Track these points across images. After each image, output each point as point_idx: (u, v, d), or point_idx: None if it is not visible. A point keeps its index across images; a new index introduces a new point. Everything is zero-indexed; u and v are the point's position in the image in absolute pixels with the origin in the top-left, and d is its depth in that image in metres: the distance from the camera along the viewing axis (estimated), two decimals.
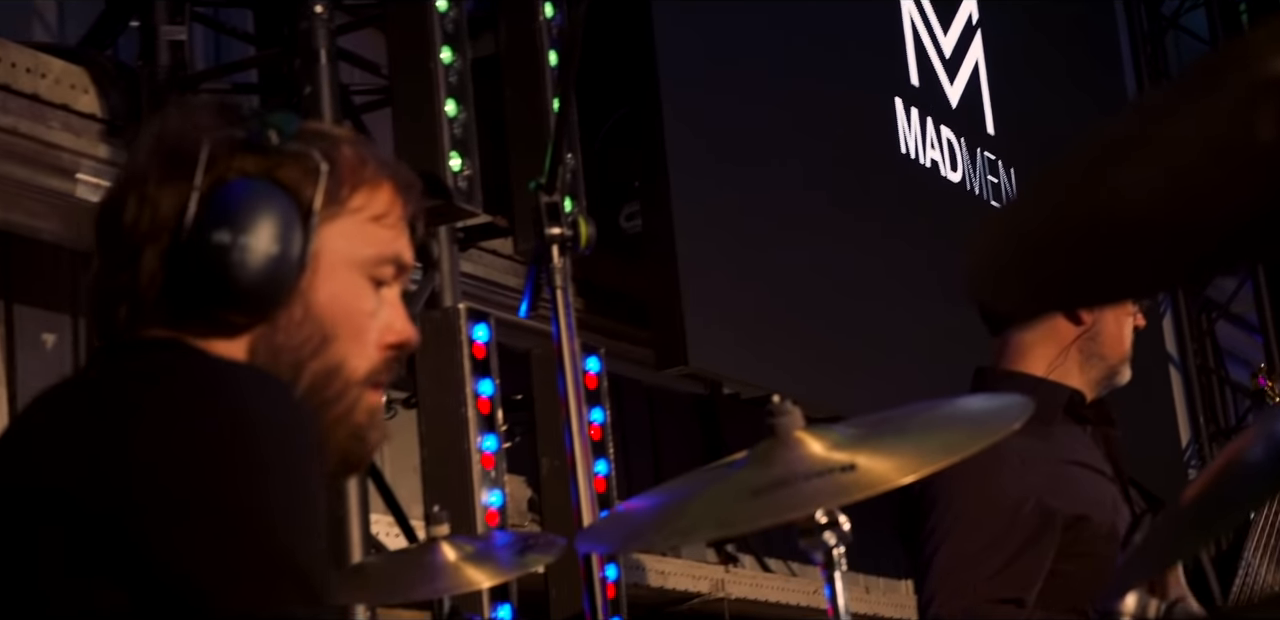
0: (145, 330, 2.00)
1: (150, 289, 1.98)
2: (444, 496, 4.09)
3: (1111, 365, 3.78)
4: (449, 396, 4.25)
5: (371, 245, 2.07)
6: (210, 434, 1.81)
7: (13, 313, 4.22)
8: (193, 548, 1.76)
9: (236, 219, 1.98)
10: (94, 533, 1.78)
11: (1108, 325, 3.76)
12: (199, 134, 2.01)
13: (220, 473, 1.80)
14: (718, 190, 5.41)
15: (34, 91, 4.01)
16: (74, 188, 4.07)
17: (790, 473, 2.88)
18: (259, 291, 1.99)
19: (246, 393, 1.87)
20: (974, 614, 3.45)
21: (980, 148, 7.06)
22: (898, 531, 3.89)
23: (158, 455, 1.80)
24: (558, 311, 3.67)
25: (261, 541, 1.79)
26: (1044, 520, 3.59)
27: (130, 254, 1.99)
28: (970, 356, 4.02)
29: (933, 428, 2.93)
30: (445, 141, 4.37)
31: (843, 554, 3.03)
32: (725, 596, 5.72)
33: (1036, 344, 3.76)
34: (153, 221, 1.99)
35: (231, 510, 1.79)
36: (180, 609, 1.75)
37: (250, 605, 1.74)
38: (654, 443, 6.43)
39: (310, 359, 2.03)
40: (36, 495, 1.83)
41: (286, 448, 1.85)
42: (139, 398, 1.87)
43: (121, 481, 1.79)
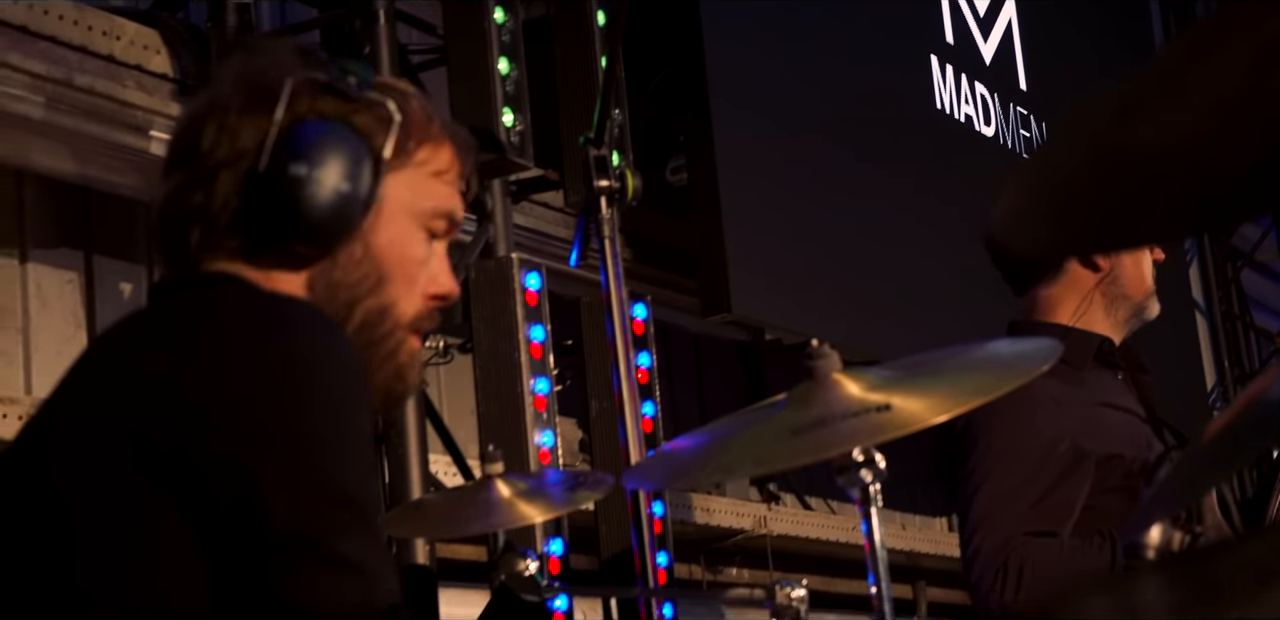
0: (213, 257, 2.03)
1: (223, 212, 2.01)
2: (498, 437, 4.10)
3: (1137, 303, 3.78)
4: (503, 342, 4.26)
5: (431, 198, 2.11)
6: (263, 368, 1.83)
7: (92, 263, 4.24)
8: (249, 470, 1.77)
9: (314, 155, 2.01)
10: (155, 464, 1.79)
11: (1125, 267, 3.75)
12: (282, 72, 2.05)
13: (272, 405, 1.81)
14: (759, 144, 5.38)
15: (109, 53, 4.02)
16: (148, 144, 4.08)
17: (828, 413, 2.87)
18: (327, 224, 2.01)
19: (298, 328, 1.88)
20: (1011, 545, 3.47)
21: (1013, 103, 7.02)
22: (936, 472, 3.89)
23: (213, 389, 1.81)
24: (606, 260, 3.68)
25: (312, 469, 1.80)
26: (1077, 458, 3.59)
27: (206, 176, 2.02)
28: (1000, 304, 4.01)
29: (965, 370, 2.92)
30: (498, 98, 4.36)
31: (879, 491, 3.03)
32: (767, 533, 5.72)
33: (1061, 296, 3.76)
34: (231, 149, 2.01)
35: (283, 440, 1.80)
36: (237, 534, 1.77)
37: (303, 527, 1.76)
38: (699, 387, 6.43)
39: (365, 297, 2.06)
40: (101, 429, 1.84)
41: (335, 382, 1.86)
42: (195, 333, 1.89)
43: (180, 414, 1.80)
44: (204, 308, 1.94)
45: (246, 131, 2.01)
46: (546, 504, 3.24)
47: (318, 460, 1.81)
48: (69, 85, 3.91)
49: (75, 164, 4.04)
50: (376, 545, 1.84)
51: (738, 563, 5.96)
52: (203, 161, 2.02)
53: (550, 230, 5.14)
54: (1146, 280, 3.77)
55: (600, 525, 4.41)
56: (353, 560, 1.77)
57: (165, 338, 1.90)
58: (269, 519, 1.75)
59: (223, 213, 2.01)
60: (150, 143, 4.08)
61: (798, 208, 5.53)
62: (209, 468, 1.77)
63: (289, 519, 1.76)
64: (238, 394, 1.81)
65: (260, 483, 1.76)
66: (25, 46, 3.83)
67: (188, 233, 2.02)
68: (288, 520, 1.76)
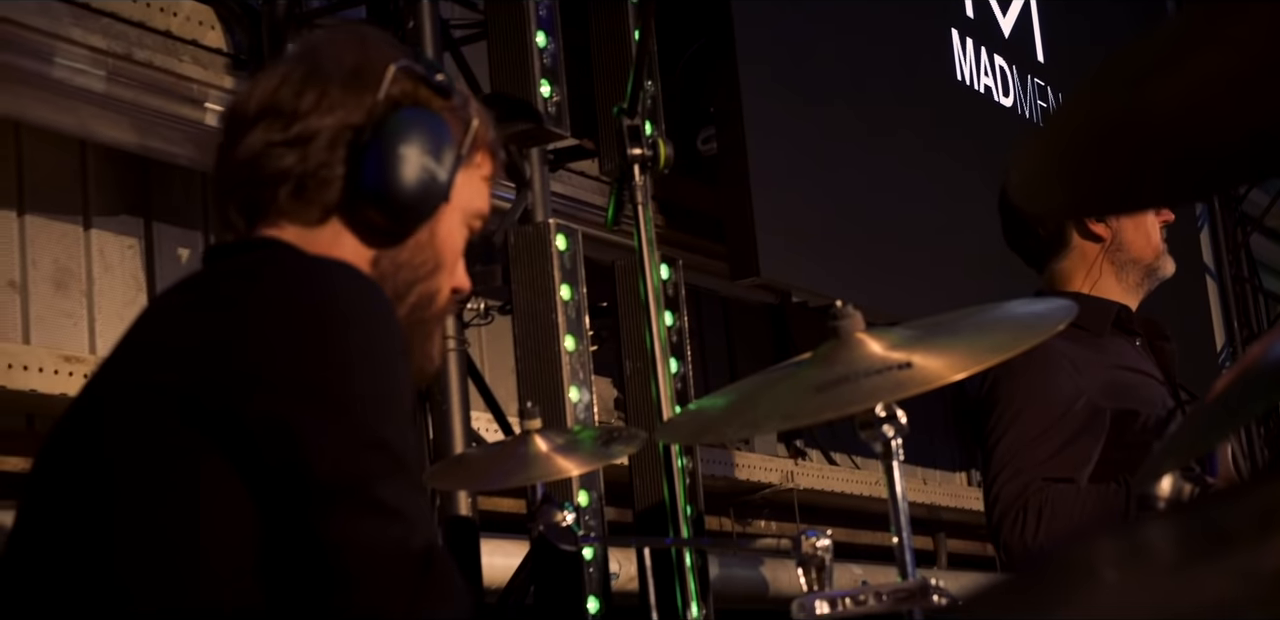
0: (277, 221, 2.04)
1: (314, 177, 2.03)
2: (536, 394, 4.11)
3: (1147, 265, 3.79)
4: (540, 303, 4.27)
5: (478, 199, 2.17)
6: (304, 328, 1.84)
7: (151, 230, 4.25)
8: (295, 424, 1.78)
9: (418, 137, 2.05)
10: (203, 420, 1.80)
11: (1127, 232, 3.77)
12: (384, 56, 2.08)
13: (314, 363, 1.82)
14: (787, 115, 5.38)
15: (166, 28, 4.03)
16: (203, 116, 4.09)
17: (851, 370, 2.87)
18: (417, 202, 2.06)
19: (338, 289, 1.89)
20: (1031, 489, 3.50)
21: (1030, 74, 7.00)
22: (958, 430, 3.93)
23: (257, 349, 1.83)
24: (639, 225, 3.68)
25: (352, 421, 1.81)
26: (1093, 414, 3.62)
27: (300, 140, 2.03)
28: (1017, 268, 4.01)
29: (982, 329, 2.92)
30: (536, 70, 4.36)
31: (900, 445, 3.03)
32: (794, 487, 5.72)
33: (1072, 269, 3.79)
34: (332, 118, 2.03)
35: (325, 396, 1.81)
36: (283, 483, 1.78)
37: (344, 476, 1.78)
38: (729, 347, 6.43)
39: (423, 280, 2.11)
40: (153, 387, 1.85)
41: (374, 339, 1.87)
42: (241, 295, 1.90)
43: (226, 374, 1.81)
44: (250, 271, 1.95)
45: (349, 105, 2.04)
46: (582, 458, 3.25)
47: (357, 413, 1.82)
48: (128, 59, 3.92)
49: (135, 135, 4.05)
50: (414, 492, 1.85)
51: (766, 515, 5.96)
52: (298, 126, 2.03)
53: (585, 197, 5.14)
54: (1152, 242, 3.78)
55: (634, 479, 4.43)
56: (391, 506, 1.78)
57: (213, 300, 1.92)
58: (312, 470, 1.77)
59: (313, 177, 2.03)
60: (205, 114, 4.09)
61: (823, 176, 5.53)
62: (255, 424, 1.78)
63: (331, 469, 1.77)
64: (281, 353, 1.82)
65: (304, 437, 1.78)
66: (87, 22, 3.84)
67: (276, 190, 2.03)
68: (330, 470, 1.77)
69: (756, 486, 5.62)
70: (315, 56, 2.10)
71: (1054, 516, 3.47)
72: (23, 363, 3.57)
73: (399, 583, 1.76)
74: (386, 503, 1.78)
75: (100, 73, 3.88)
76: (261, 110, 2.04)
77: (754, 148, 5.16)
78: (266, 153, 2.03)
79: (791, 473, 5.79)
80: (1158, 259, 3.78)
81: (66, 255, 4.06)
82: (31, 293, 3.95)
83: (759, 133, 5.20)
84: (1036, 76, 7.04)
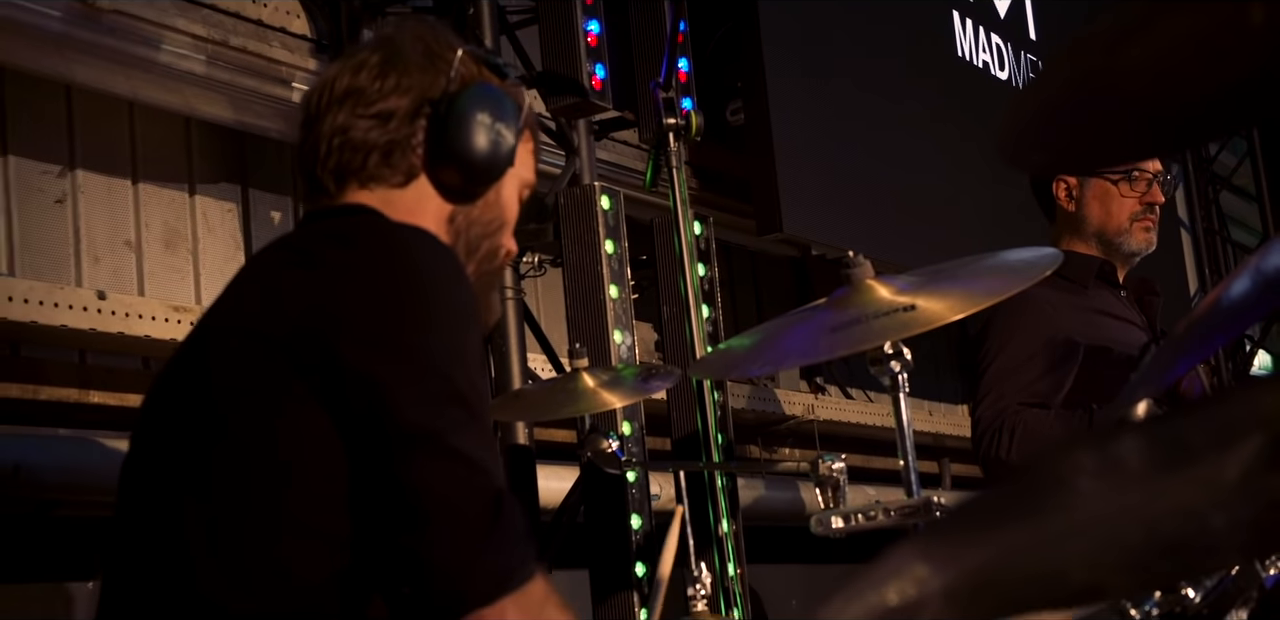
0: (365, 186, 2.06)
1: (399, 145, 2.05)
2: (584, 337, 4.13)
3: (1107, 239, 3.81)
4: (587, 257, 4.28)
5: (529, 170, 2.20)
6: (390, 289, 1.85)
7: (248, 195, 4.28)
8: (381, 375, 1.79)
9: (492, 108, 2.07)
10: (300, 368, 1.81)
11: (1091, 209, 3.80)
12: (451, 43, 2.11)
13: (399, 322, 1.83)
14: (806, 89, 5.37)
15: (258, 17, 4.05)
16: (290, 94, 4.11)
17: (862, 313, 2.89)
18: (491, 163, 2.08)
19: (421, 256, 1.89)
20: (1008, 412, 3.54)
21: (1024, 51, 6.96)
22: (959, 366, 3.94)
23: (349, 307, 1.83)
24: (674, 187, 3.70)
25: (432, 376, 1.81)
26: (1069, 350, 3.65)
27: (385, 116, 2.05)
28: (1008, 223, 4.02)
29: (978, 276, 2.93)
30: (583, 51, 4.36)
31: (906, 378, 3.04)
32: (814, 418, 5.74)
33: (1060, 231, 3.87)
34: (411, 96, 2.06)
35: (408, 352, 1.82)
36: (369, 429, 1.79)
37: (424, 426, 1.78)
38: (757, 295, 6.44)
39: (491, 236, 2.14)
40: (254, 337, 1.86)
41: (451, 300, 1.87)
42: (334, 257, 1.90)
43: (320, 329, 1.82)
44: (346, 236, 1.96)
45: (424, 84, 2.06)
46: (625, 392, 3.27)
47: (436, 369, 1.82)
48: (225, 45, 3.94)
49: (232, 112, 4.07)
50: (485, 440, 1.85)
51: (790, 444, 5.98)
52: (381, 104, 2.05)
53: (626, 163, 5.15)
54: (1114, 217, 3.79)
55: (671, 411, 4.45)
56: (465, 453, 1.78)
57: (313, 261, 1.92)
58: (395, 420, 1.78)
59: (398, 146, 2.05)
60: (293, 93, 4.11)
61: (838, 143, 5.52)
62: (346, 376, 1.79)
63: (413, 420, 1.78)
64: (370, 314, 1.83)
65: (388, 390, 1.78)
66: (190, 13, 3.86)
67: (365, 158, 2.05)
68: (412, 421, 1.78)
69: (782, 418, 5.64)
70: (391, 45, 2.10)
71: (1026, 436, 3.52)
72: (138, 312, 3.60)
73: (472, 524, 1.77)
74: (461, 451, 1.78)
75: (201, 57, 3.90)
76: (346, 92, 2.05)
77: (776, 118, 5.16)
78: (354, 126, 2.04)
79: (812, 406, 5.81)
80: (1119, 235, 3.79)
81: (174, 218, 4.09)
82: (145, 251, 3.98)
83: (781, 105, 5.20)
84: (1029, 52, 7.00)
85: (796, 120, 5.26)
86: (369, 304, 1.84)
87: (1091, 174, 3.79)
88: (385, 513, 1.78)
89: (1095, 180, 3.80)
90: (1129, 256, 3.85)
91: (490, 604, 1.76)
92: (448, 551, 1.76)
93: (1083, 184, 3.82)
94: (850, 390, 6.52)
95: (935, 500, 2.97)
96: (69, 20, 3.58)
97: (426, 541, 1.76)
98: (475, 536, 1.76)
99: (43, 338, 3.50)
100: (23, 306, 3.36)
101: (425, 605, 1.78)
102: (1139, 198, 3.79)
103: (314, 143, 2.08)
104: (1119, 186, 3.78)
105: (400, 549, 1.77)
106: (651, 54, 4.61)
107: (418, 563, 1.76)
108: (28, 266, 3.67)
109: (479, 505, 1.77)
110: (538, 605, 1.80)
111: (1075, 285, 3.74)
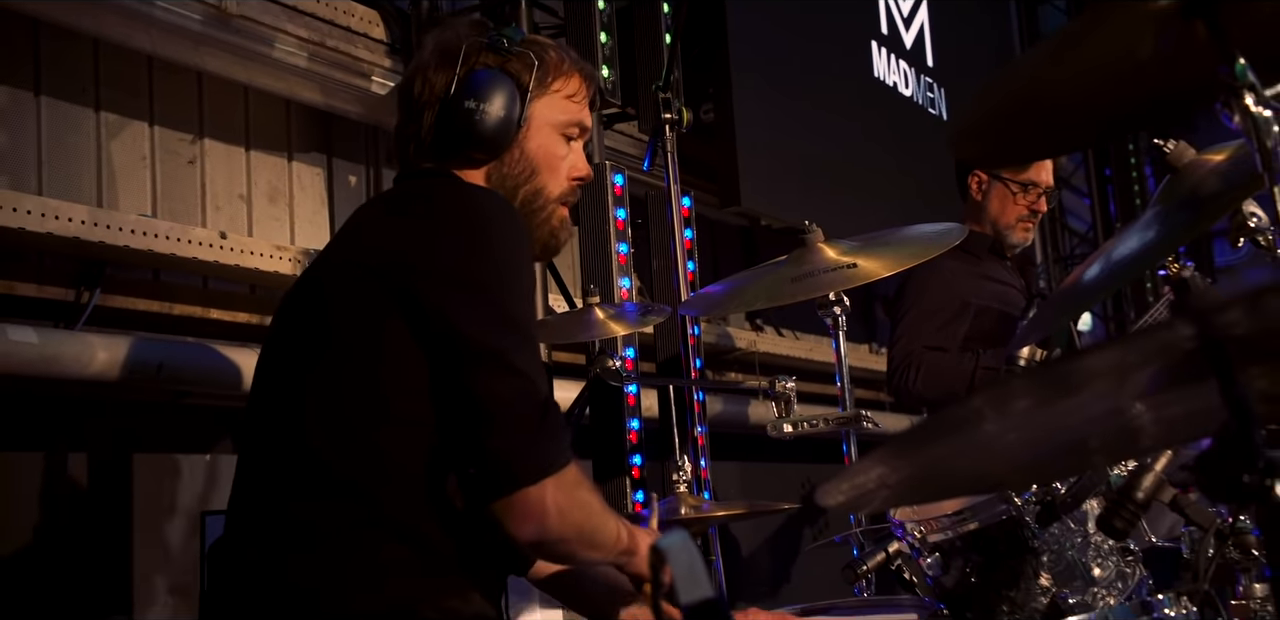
0: (422, 162, 2.06)
1: (428, 135, 2.05)
2: (596, 280, 4.17)
3: (998, 229, 3.86)
4: (598, 219, 4.31)
5: (564, 113, 2.11)
6: (463, 235, 1.84)
7: (332, 163, 4.28)
8: (456, 307, 1.80)
9: (479, 93, 2.02)
10: (392, 298, 1.81)
11: (991, 203, 3.85)
12: (460, 39, 2.07)
13: (469, 261, 1.82)
14: (763, 95, 5.37)
15: (348, 25, 4.05)
16: (369, 85, 4.11)
17: (814, 268, 2.95)
18: (492, 138, 2.04)
19: (484, 207, 1.88)
20: (915, 353, 3.59)
21: (923, 74, 6.98)
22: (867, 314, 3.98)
23: (430, 249, 1.83)
24: (668, 168, 3.73)
25: (496, 307, 1.81)
26: (964, 306, 3.70)
27: (417, 113, 2.06)
28: (929, 204, 4.07)
29: (904, 242, 2.98)
30: (599, 59, 4.38)
31: (845, 320, 3.10)
32: (755, 350, 5.77)
33: (967, 214, 3.88)
34: (430, 94, 2.05)
35: (477, 287, 1.81)
36: (445, 349, 1.80)
37: (489, 348, 1.79)
38: (714, 256, 6.45)
39: (523, 184, 2.08)
40: (360, 268, 1.87)
41: (510, 244, 1.86)
42: (419, 210, 1.91)
43: (408, 261, 1.83)
44: (426, 193, 1.96)
45: (440, 81, 2.05)
46: (625, 324, 3.28)
47: (498, 299, 1.82)
48: (322, 46, 3.94)
49: (323, 97, 4.08)
50: (536, 358, 1.84)
51: (735, 369, 6.02)
52: (414, 104, 2.06)
53: (625, 149, 5.16)
54: (1005, 215, 3.84)
55: (657, 340, 4.49)
56: (521, 369, 1.79)
57: (404, 210, 1.93)
58: (466, 342, 1.78)
59: (428, 135, 2.05)
60: (371, 84, 4.11)
61: (788, 136, 5.52)
62: (424, 303, 1.79)
63: (480, 342, 1.78)
64: (446, 253, 1.83)
65: (458, 315, 1.78)
66: (296, 20, 3.87)
67: (408, 148, 2.07)
68: (479, 343, 1.78)
69: (731, 349, 5.66)
70: (421, 52, 2.10)
71: (927, 373, 3.57)
72: (249, 249, 3.61)
73: (524, 423, 1.78)
74: (518, 367, 1.78)
75: (303, 54, 3.91)
76: (401, 98, 2.09)
77: (738, 117, 5.14)
78: (401, 126, 2.08)
79: (754, 341, 5.83)
80: (1007, 229, 3.85)
81: (276, 178, 4.10)
82: (254, 203, 3.99)
83: (743, 107, 5.18)
84: (926, 76, 7.02)
85: (755, 119, 5.25)
86: (444, 246, 1.83)
87: (999, 178, 3.83)
88: (457, 411, 1.78)
89: (999, 184, 3.84)
90: (1012, 246, 3.90)
91: (536, 482, 1.77)
92: (505, 443, 1.76)
93: (991, 182, 3.85)
94: (783, 330, 6.55)
95: (864, 413, 3.04)
96: (205, 22, 3.59)
97: (489, 435, 1.76)
98: (526, 432, 1.77)
99: (177, 267, 3.52)
100: (164, 242, 3.38)
101: (487, 482, 1.78)
102: (1028, 205, 3.83)
103: (398, 127, 2.10)
104: (1015, 195, 3.83)
105: (468, 439, 1.77)
106: (651, 62, 4.63)
107: (482, 451, 1.77)
108: (167, 211, 3.69)
109: (530, 409, 1.78)
110: (572, 485, 1.81)
111: (972, 256, 3.79)
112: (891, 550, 2.18)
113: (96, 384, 3.14)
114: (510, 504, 1.76)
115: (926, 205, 4.06)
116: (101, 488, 3.36)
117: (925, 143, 6.46)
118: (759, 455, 5.52)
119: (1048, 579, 2.08)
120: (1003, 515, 2.09)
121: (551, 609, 3.43)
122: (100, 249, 3.26)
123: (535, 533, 1.78)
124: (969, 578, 2.10)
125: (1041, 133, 1.44)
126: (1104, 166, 9.23)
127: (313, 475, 1.81)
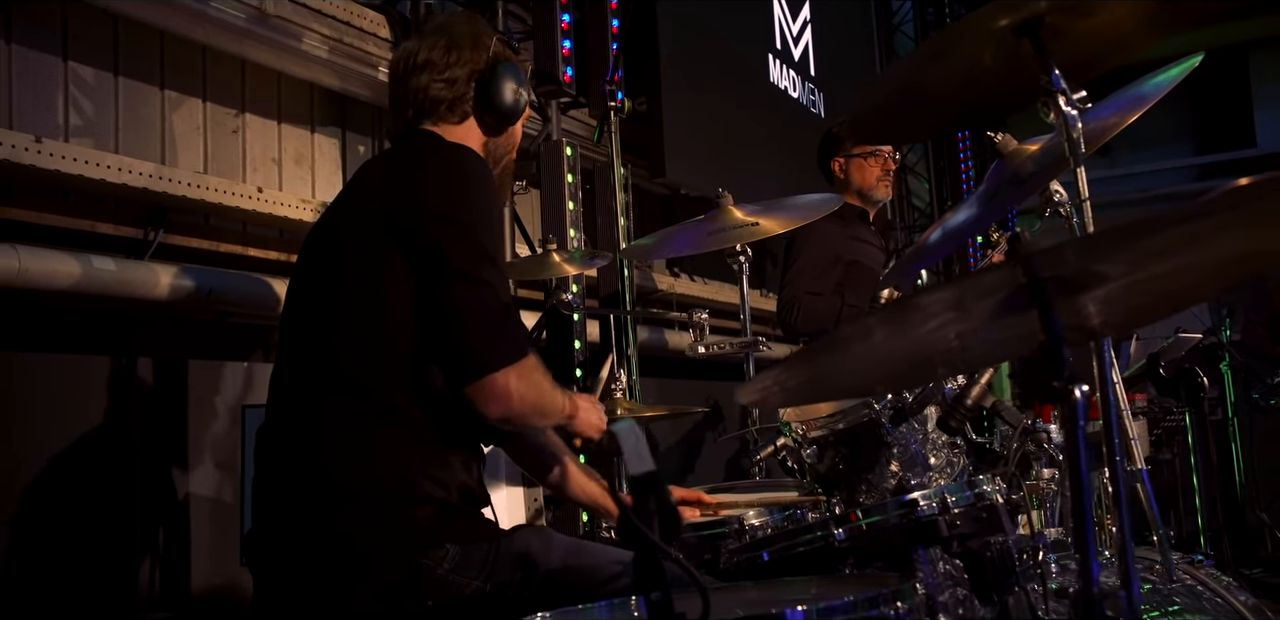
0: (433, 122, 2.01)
1: (459, 97, 2.02)
2: (553, 231, 4.16)
3: (864, 193, 3.88)
4: (555, 183, 4.29)
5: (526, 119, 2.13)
6: (448, 182, 1.83)
7: (345, 135, 4.23)
8: (439, 236, 1.79)
9: (516, 77, 2.03)
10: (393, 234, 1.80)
11: (853, 175, 3.87)
12: (488, 31, 2.06)
13: (452, 203, 1.81)
14: (687, 91, 5.34)
15: (361, 26, 3.98)
16: (377, 74, 4.05)
17: (726, 225, 2.96)
18: (513, 110, 2.04)
19: (466, 163, 1.87)
20: (797, 297, 3.62)
21: (808, 82, 6.96)
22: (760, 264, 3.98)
23: (422, 194, 1.82)
24: (611, 146, 3.73)
25: (472, 236, 1.80)
26: (836, 260, 3.73)
27: (448, 79, 2.01)
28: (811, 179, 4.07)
29: (794, 207, 3.01)
30: (559, 59, 4.34)
31: (749, 267, 3.12)
32: (674, 292, 5.78)
33: (840, 189, 3.88)
34: (463, 67, 2.01)
35: (458, 224, 1.80)
36: (432, 269, 1.78)
37: (465, 267, 1.78)
38: (641, 218, 6.40)
39: (506, 155, 2.10)
40: (366, 212, 1.86)
41: (484, 191, 1.85)
42: (412, 163, 1.90)
43: (406, 203, 1.82)
44: (421, 150, 1.94)
45: (475, 59, 2.02)
46: (576, 266, 3.27)
47: (474, 233, 1.81)
48: (340, 42, 3.88)
49: (339, 82, 4.02)
50: (501, 275, 1.83)
51: (658, 306, 6.00)
52: (446, 72, 2.02)
53: (577, 130, 5.10)
54: (867, 180, 3.86)
55: (600, 280, 4.50)
56: (487, 280, 1.78)
57: (401, 164, 1.91)
58: (449, 263, 1.77)
59: (459, 99, 2.02)
60: (378, 73, 4.03)
61: (707, 122, 5.50)
62: (418, 237, 1.79)
63: (459, 263, 1.78)
64: (435, 198, 1.81)
65: (444, 246, 1.78)
66: (321, 20, 3.80)
67: (438, 106, 2.02)
68: (457, 263, 1.78)
69: (654, 290, 5.67)
70: (449, 31, 2.06)
71: (807, 311, 3.61)
72: (280, 201, 3.58)
73: (493, 323, 1.78)
74: (485, 279, 1.78)
75: (325, 48, 3.84)
76: (422, 63, 2.03)
77: (666, 107, 5.08)
78: (431, 86, 2.02)
79: (673, 284, 5.84)
80: (872, 190, 3.87)
81: (302, 146, 4.04)
82: (284, 165, 3.94)
83: (669, 100, 5.13)
84: (810, 82, 7.00)
85: (679, 109, 5.20)
86: (434, 192, 1.82)
87: (852, 155, 3.86)
88: (438, 316, 1.78)
89: (855, 159, 3.87)
90: (877, 203, 3.93)
91: (499, 370, 1.76)
92: (474, 338, 1.76)
93: (848, 161, 3.88)
94: (695, 276, 6.56)
95: (761, 338, 3.07)
96: (248, 20, 3.52)
97: (461, 333, 1.76)
98: (491, 329, 1.76)
99: (224, 213, 3.49)
100: (213, 193, 3.36)
101: (460, 369, 1.77)
102: (880, 167, 3.87)
103: (404, 94, 2.05)
104: (868, 161, 3.86)
105: (446, 336, 1.77)
106: (599, 63, 4.58)
107: (456, 346, 1.76)
108: (215, 170, 3.64)
109: (494, 313, 1.77)
110: (529, 370, 1.80)
111: (844, 221, 3.82)
112: (779, 444, 2.22)
113: (159, 304, 3.13)
114: (479, 388, 1.75)
115: (812, 181, 4.07)
116: (163, 385, 3.36)
117: (807, 133, 6.46)
118: (674, 373, 5.56)
119: (897, 466, 2.14)
120: (865, 417, 2.14)
121: (515, 486, 3.46)
122: (163, 198, 3.24)
123: (501, 410, 1.77)
124: (838, 465, 2.15)
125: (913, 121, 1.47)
126: (940, 158, 9.29)
127: (331, 374, 1.81)
